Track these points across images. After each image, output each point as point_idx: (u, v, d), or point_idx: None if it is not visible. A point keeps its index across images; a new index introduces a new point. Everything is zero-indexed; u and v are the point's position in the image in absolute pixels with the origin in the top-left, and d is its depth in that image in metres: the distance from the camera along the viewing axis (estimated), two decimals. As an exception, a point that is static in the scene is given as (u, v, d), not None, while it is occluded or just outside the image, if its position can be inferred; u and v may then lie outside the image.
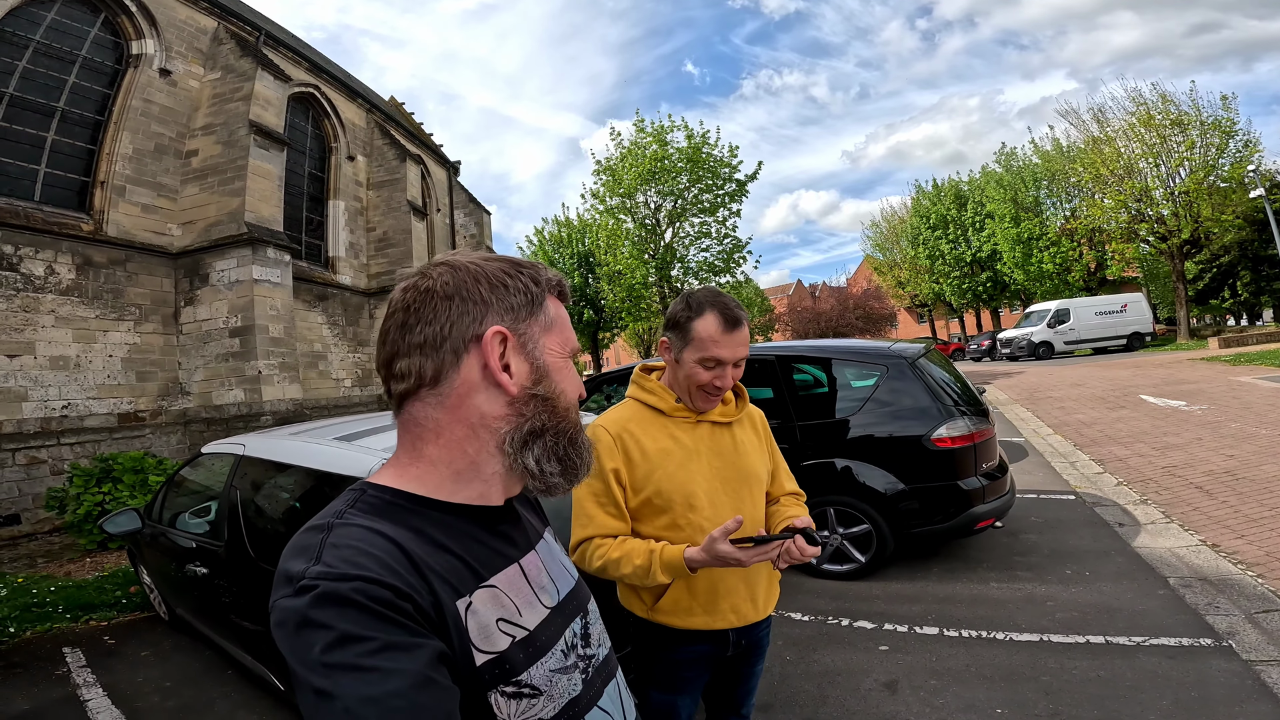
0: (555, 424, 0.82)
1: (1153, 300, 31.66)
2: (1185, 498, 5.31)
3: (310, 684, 0.57)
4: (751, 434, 1.78)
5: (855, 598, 4.08)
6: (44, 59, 9.06)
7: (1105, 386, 12.96)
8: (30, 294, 8.37)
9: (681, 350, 1.63)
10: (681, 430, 1.67)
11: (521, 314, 0.81)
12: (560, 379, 0.84)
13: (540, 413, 0.81)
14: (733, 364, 1.60)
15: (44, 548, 7.19)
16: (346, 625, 0.58)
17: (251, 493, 3.09)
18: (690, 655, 1.66)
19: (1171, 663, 2.97)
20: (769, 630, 1.81)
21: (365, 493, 0.76)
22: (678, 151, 19.64)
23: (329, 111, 14.70)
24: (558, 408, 0.83)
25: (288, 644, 0.60)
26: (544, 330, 0.83)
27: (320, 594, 0.60)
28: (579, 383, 0.88)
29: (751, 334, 7.53)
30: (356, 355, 14.59)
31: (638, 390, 1.74)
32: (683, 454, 1.63)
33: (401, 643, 0.60)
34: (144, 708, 3.43)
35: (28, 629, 4.51)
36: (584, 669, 0.84)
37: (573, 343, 0.89)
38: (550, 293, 0.86)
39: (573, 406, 0.85)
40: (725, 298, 1.63)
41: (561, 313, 0.88)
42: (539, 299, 0.83)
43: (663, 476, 1.60)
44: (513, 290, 0.81)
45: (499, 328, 0.78)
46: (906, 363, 4.48)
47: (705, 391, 1.63)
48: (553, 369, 0.83)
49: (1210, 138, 23.05)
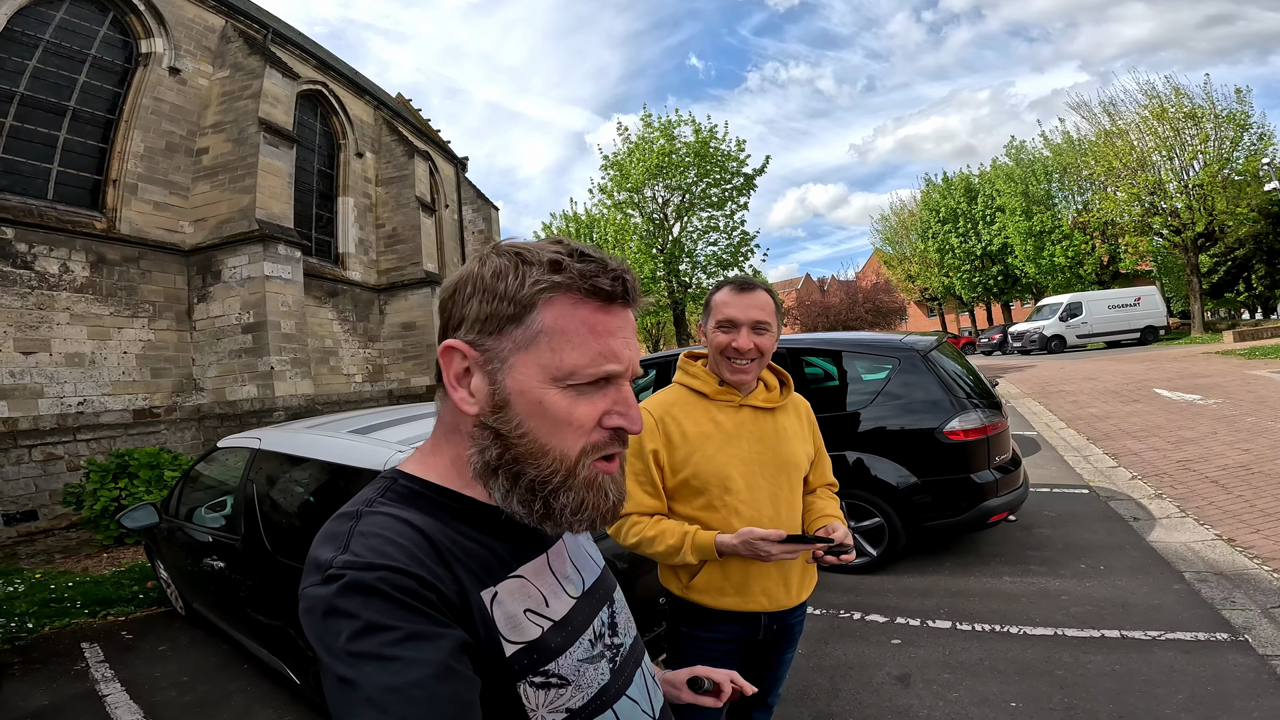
0: (512, 465, 0.69)
1: (1166, 294, 31.34)
2: (1200, 492, 5.27)
3: (335, 671, 0.57)
4: (795, 421, 1.80)
5: (867, 591, 4.08)
6: (54, 58, 9.12)
7: (1118, 380, 12.86)
8: (45, 292, 8.46)
9: (706, 323, 1.72)
10: (723, 414, 1.70)
11: (491, 324, 0.69)
12: (527, 414, 0.69)
13: (492, 447, 0.70)
14: (749, 326, 1.63)
15: (61, 543, 7.28)
16: (372, 614, 0.59)
17: (268, 486, 3.11)
18: (721, 635, 1.69)
19: (1187, 657, 2.95)
20: (802, 618, 1.84)
21: (396, 481, 0.76)
22: (685, 146, 19.64)
23: (337, 108, 14.75)
24: (515, 448, 0.69)
25: (315, 631, 0.60)
26: (520, 347, 0.68)
27: (347, 583, 0.60)
28: (577, 421, 0.69)
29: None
30: (367, 351, 14.66)
31: (683, 375, 1.79)
32: (722, 437, 1.67)
33: (425, 632, 0.60)
34: (161, 702, 3.46)
35: (46, 624, 4.56)
36: (611, 657, 0.83)
37: (573, 364, 0.68)
38: (553, 294, 0.68)
39: (545, 450, 0.69)
40: (744, 276, 1.76)
41: (571, 323, 0.68)
42: (522, 306, 0.68)
43: (701, 459, 1.63)
44: (492, 295, 0.69)
45: (452, 341, 0.70)
46: (919, 355, 4.45)
47: (727, 358, 1.66)
48: (516, 399, 0.69)
49: (1224, 131, 22.78)
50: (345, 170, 14.96)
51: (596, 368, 0.69)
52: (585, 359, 0.68)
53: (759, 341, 1.63)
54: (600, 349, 0.69)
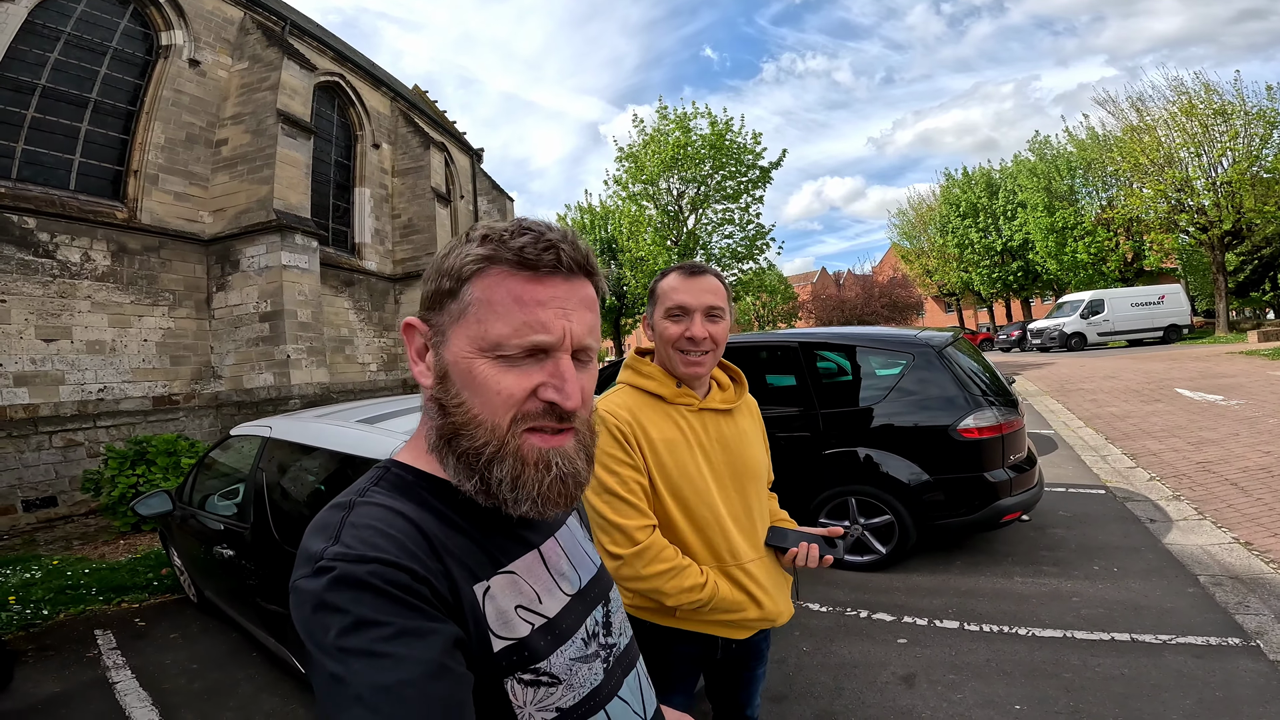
0: (452, 435, 0.71)
1: (1191, 292, 30.78)
2: (1219, 494, 5.17)
3: (325, 667, 0.56)
4: (751, 423, 1.65)
5: (875, 589, 4.05)
6: (76, 50, 9.21)
7: (1139, 379, 12.65)
8: (67, 280, 8.58)
9: (653, 313, 1.54)
10: (683, 419, 1.51)
11: (435, 301, 0.72)
12: (462, 384, 0.70)
13: (438, 418, 0.73)
14: (702, 313, 1.46)
15: (79, 529, 7.40)
16: (362, 610, 0.58)
17: (277, 475, 3.14)
18: (676, 656, 1.54)
19: (1198, 662, 2.91)
20: (768, 636, 1.69)
21: (389, 470, 0.76)
22: (701, 139, 19.51)
23: (354, 100, 14.82)
24: (453, 419, 0.71)
25: (304, 625, 0.60)
26: (453, 321, 0.71)
27: (337, 576, 0.59)
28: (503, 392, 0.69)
29: (774, 320, 7.50)
30: (382, 340, 14.77)
31: (634, 375, 1.56)
32: (688, 446, 1.49)
33: (417, 628, 0.59)
34: (171, 689, 3.51)
35: (61, 611, 4.63)
36: (605, 658, 0.83)
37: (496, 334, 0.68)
38: (484, 268, 0.69)
39: (477, 421, 0.69)
40: (692, 261, 1.61)
41: (498, 294, 0.69)
42: (457, 280, 0.70)
43: (678, 472, 1.46)
44: (437, 273, 0.72)
45: (410, 318, 0.74)
46: (934, 351, 4.40)
47: (680, 350, 1.47)
48: (452, 370, 0.71)
49: (1254, 128, 22.23)
50: (362, 161, 15.04)
51: (522, 338, 0.68)
52: (509, 329, 0.68)
53: (713, 330, 1.47)
54: (526, 319, 0.68)
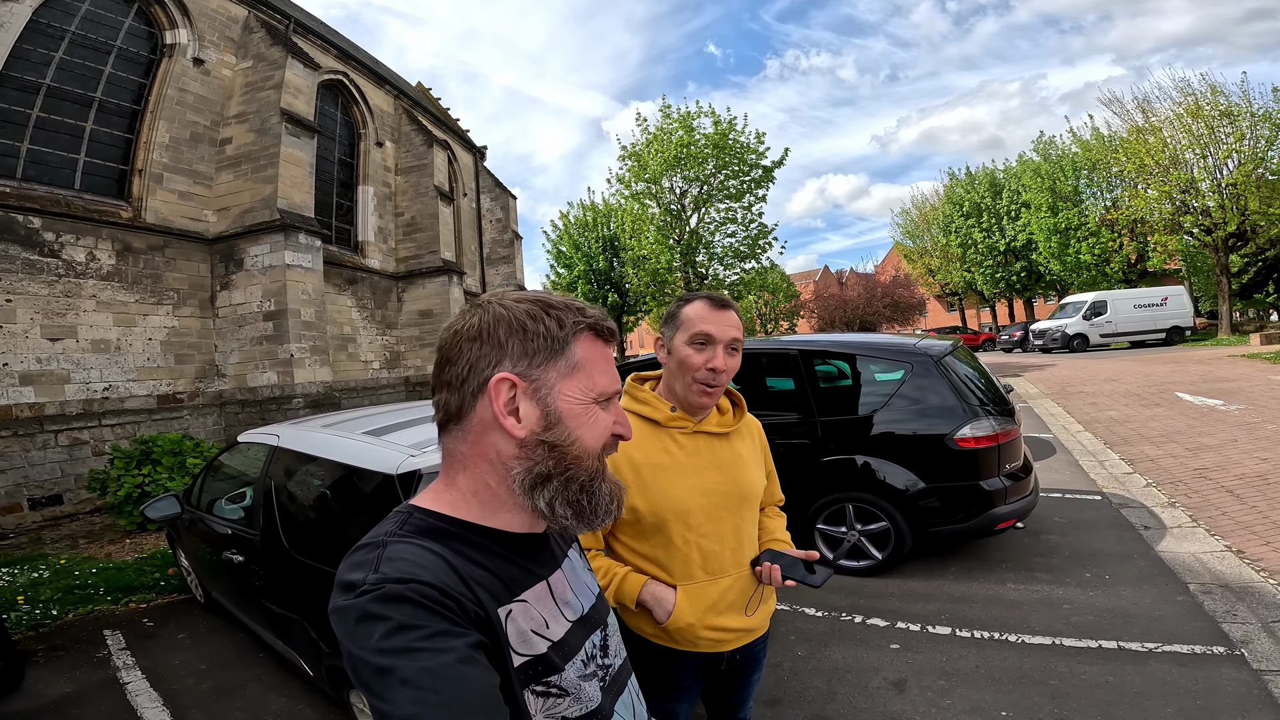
0: (564, 470, 0.83)
1: (1195, 294, 30.73)
2: (1215, 501, 5.22)
3: (370, 663, 0.66)
4: (749, 446, 1.71)
5: (870, 594, 4.11)
6: (80, 50, 9.26)
7: (1140, 382, 12.68)
8: (72, 279, 8.65)
9: (672, 338, 1.59)
10: (677, 442, 1.59)
11: (538, 359, 0.82)
12: (575, 425, 0.84)
13: (547, 459, 0.83)
14: (724, 345, 1.53)
15: (85, 528, 7.47)
16: (403, 617, 0.67)
17: (285, 483, 3.20)
18: (685, 668, 1.62)
19: (1181, 670, 2.97)
20: (765, 643, 1.77)
21: (412, 515, 0.84)
22: (704, 138, 19.53)
23: (357, 98, 14.87)
24: (568, 455, 0.83)
25: (348, 635, 0.69)
26: (563, 376, 0.84)
27: (380, 594, 0.69)
28: (604, 429, 0.86)
29: (776, 320, 7.54)
30: (385, 338, 14.84)
31: (630, 401, 1.64)
32: (677, 468, 1.56)
33: (449, 630, 0.69)
34: (180, 690, 3.57)
35: (70, 611, 4.68)
36: (602, 677, 0.93)
37: (601, 386, 0.86)
38: (580, 334, 0.85)
39: (588, 454, 0.85)
40: (717, 293, 1.64)
41: (594, 355, 0.86)
42: (562, 343, 0.83)
43: (657, 493, 1.52)
44: (531, 334, 0.82)
45: (505, 374, 0.81)
46: (932, 360, 4.44)
47: (699, 382, 1.54)
48: (567, 416, 0.83)
49: (1260, 129, 22.19)
50: (365, 159, 15.09)
51: (612, 388, 0.88)
52: (606, 381, 0.87)
53: (730, 363, 1.54)
54: (612, 374, 0.88)
